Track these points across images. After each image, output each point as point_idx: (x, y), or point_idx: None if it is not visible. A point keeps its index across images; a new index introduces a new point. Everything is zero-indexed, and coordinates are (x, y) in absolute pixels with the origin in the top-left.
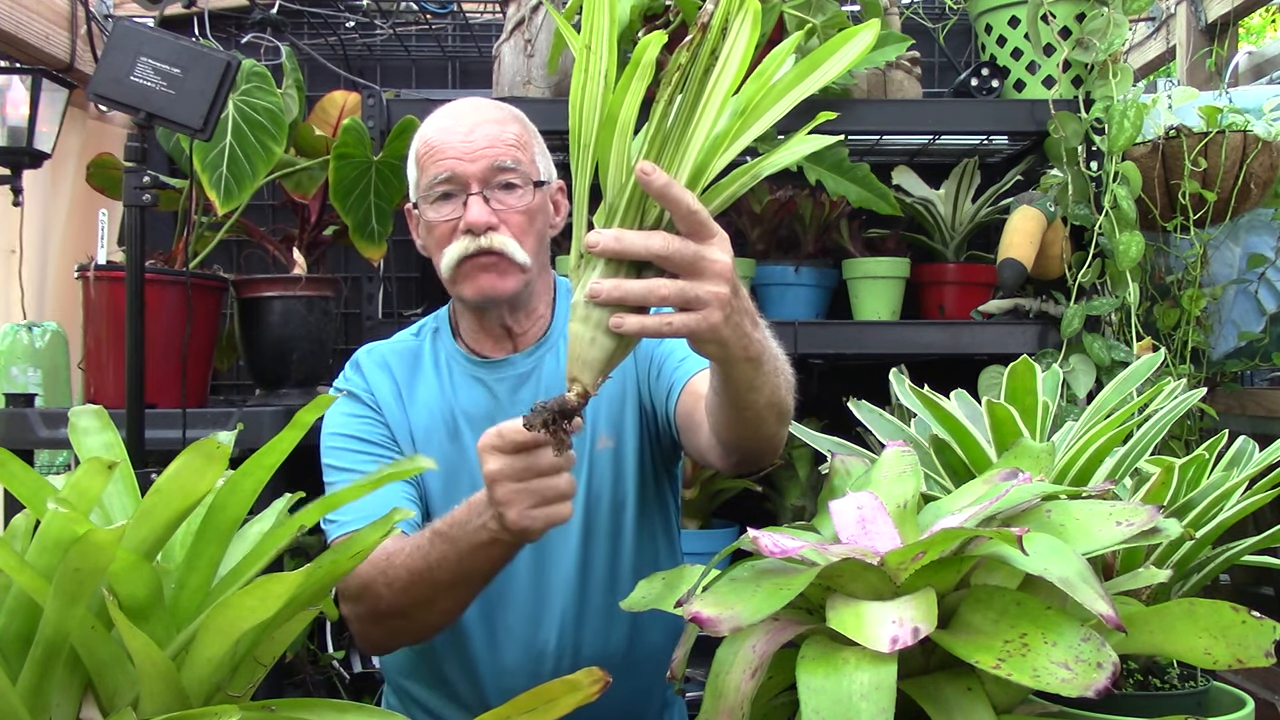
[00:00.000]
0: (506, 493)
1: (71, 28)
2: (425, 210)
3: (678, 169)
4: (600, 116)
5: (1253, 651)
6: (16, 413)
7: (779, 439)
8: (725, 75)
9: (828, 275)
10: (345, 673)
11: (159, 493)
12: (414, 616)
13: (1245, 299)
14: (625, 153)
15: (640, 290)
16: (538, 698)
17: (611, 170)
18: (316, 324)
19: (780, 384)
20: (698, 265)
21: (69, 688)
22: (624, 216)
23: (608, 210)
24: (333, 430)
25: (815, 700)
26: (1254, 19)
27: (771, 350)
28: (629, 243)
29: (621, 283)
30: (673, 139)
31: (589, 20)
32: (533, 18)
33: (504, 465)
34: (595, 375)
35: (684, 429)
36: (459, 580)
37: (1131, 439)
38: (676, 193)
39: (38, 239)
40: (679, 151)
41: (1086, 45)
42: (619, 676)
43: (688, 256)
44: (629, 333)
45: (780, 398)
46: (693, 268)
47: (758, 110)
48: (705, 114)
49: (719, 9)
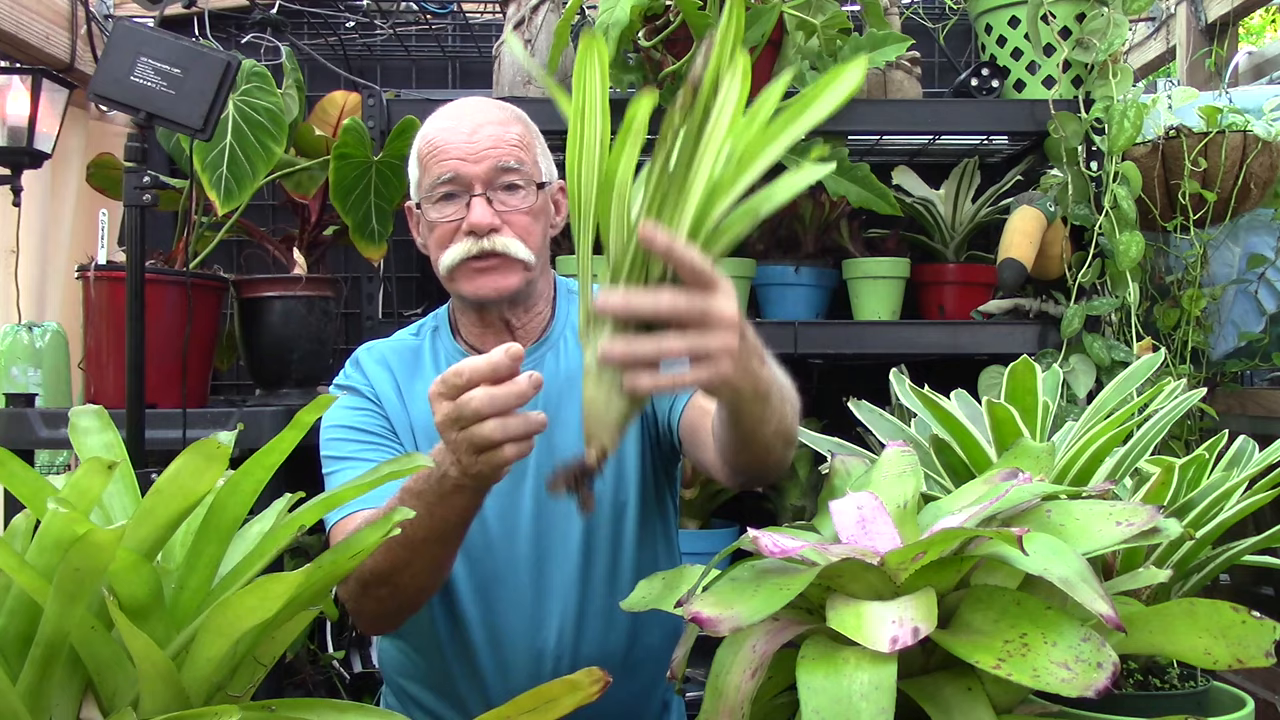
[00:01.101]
0: (451, 441)
1: (72, 28)
2: (427, 210)
3: (678, 224)
4: (598, 181)
5: (1253, 651)
6: (16, 413)
7: (785, 462)
8: (718, 130)
9: (828, 275)
10: (345, 673)
11: (159, 493)
12: (396, 580)
13: (1245, 299)
14: (625, 212)
15: (651, 350)
16: (538, 698)
17: (613, 231)
18: (316, 324)
19: (787, 412)
20: (705, 319)
21: (69, 688)
22: (629, 274)
23: (612, 269)
24: (332, 423)
25: (815, 700)
26: (1254, 19)
27: (779, 383)
28: (637, 304)
29: (632, 345)
30: (671, 196)
31: (580, 85)
32: (533, 18)
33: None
34: (614, 434)
35: (688, 442)
36: (432, 535)
37: (1131, 439)
38: (680, 251)
39: (38, 239)
40: (678, 207)
41: (1086, 45)
42: (618, 677)
43: (695, 312)
44: (644, 393)
45: (787, 425)
46: (701, 321)
47: (752, 156)
48: (701, 169)
49: (709, 68)
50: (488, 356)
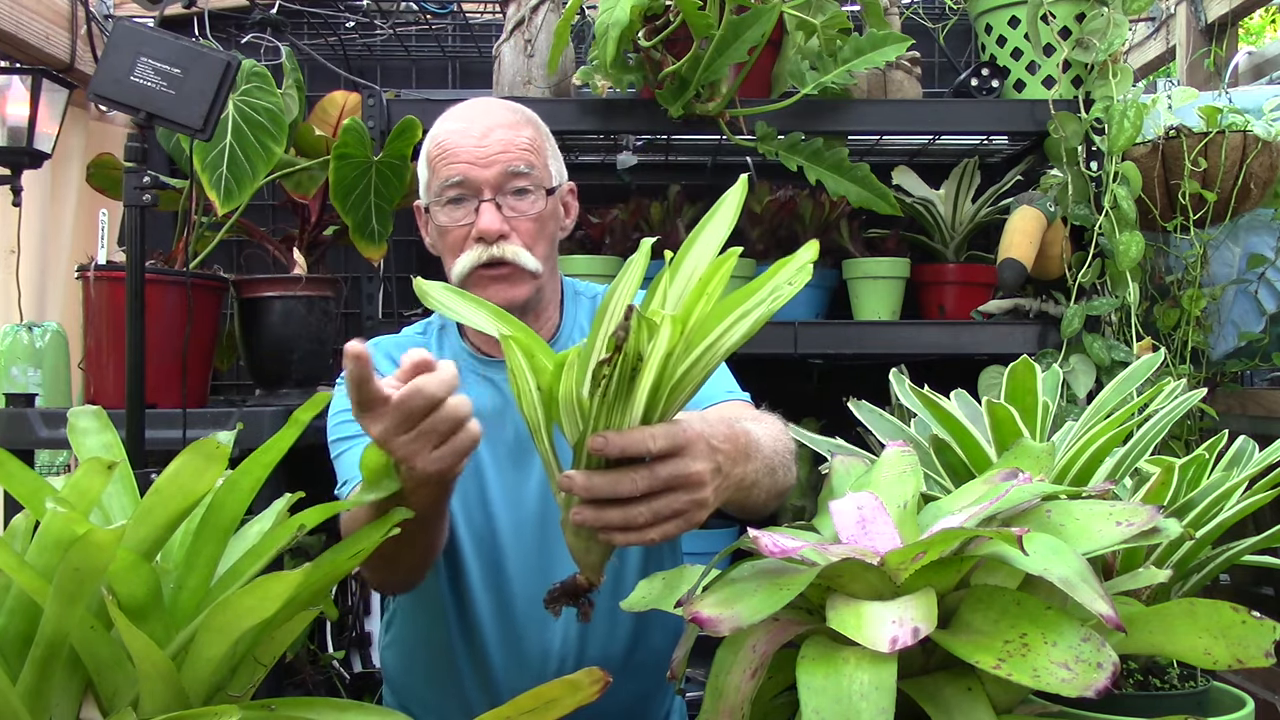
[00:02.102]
0: (402, 449)
1: (71, 28)
2: (436, 213)
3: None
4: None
5: (1253, 651)
6: (16, 413)
7: (778, 505)
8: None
9: (828, 275)
10: (345, 673)
11: (158, 493)
12: (395, 564)
13: (1245, 299)
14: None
15: (620, 520)
16: (538, 698)
17: (567, 426)
18: (316, 324)
19: (778, 478)
20: (674, 484)
21: (69, 688)
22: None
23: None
24: (339, 409)
25: (815, 700)
26: (1254, 19)
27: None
28: (597, 488)
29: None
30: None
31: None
32: (533, 18)
33: (385, 424)
34: (598, 570)
35: None
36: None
37: (1131, 439)
38: (635, 444)
39: (38, 239)
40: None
41: (1086, 45)
42: (621, 679)
43: (659, 483)
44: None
45: (777, 484)
46: (669, 487)
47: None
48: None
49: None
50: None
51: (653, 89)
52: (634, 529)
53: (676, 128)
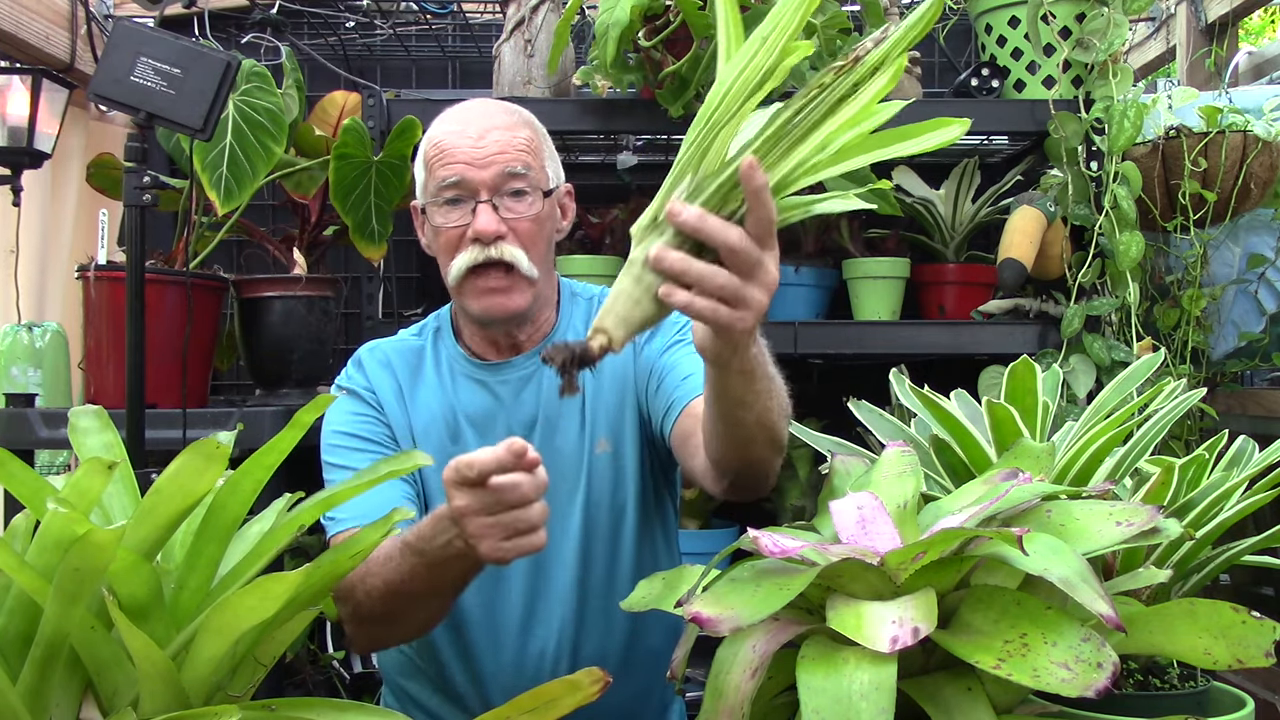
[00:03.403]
0: (477, 527)
1: (71, 28)
2: (433, 214)
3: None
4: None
5: (1253, 651)
6: (16, 413)
7: (770, 467)
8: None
9: (828, 275)
10: (345, 673)
11: (159, 493)
12: (393, 624)
13: (1245, 299)
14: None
15: (700, 273)
16: (537, 698)
17: (710, 156)
18: (316, 324)
19: (773, 406)
20: (754, 270)
21: (69, 688)
22: (707, 200)
23: (694, 189)
24: (333, 429)
25: (815, 700)
26: (1254, 19)
27: (766, 370)
28: (710, 226)
29: (689, 259)
30: (780, 148)
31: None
32: (533, 18)
33: (473, 500)
34: (626, 334)
35: (680, 450)
36: (431, 591)
37: (1131, 439)
38: (767, 197)
39: (38, 239)
40: (781, 160)
41: (1086, 45)
42: (618, 678)
43: (751, 259)
44: (675, 305)
45: (772, 420)
46: (750, 272)
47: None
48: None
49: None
50: (494, 452)
51: (653, 89)
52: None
53: (676, 128)
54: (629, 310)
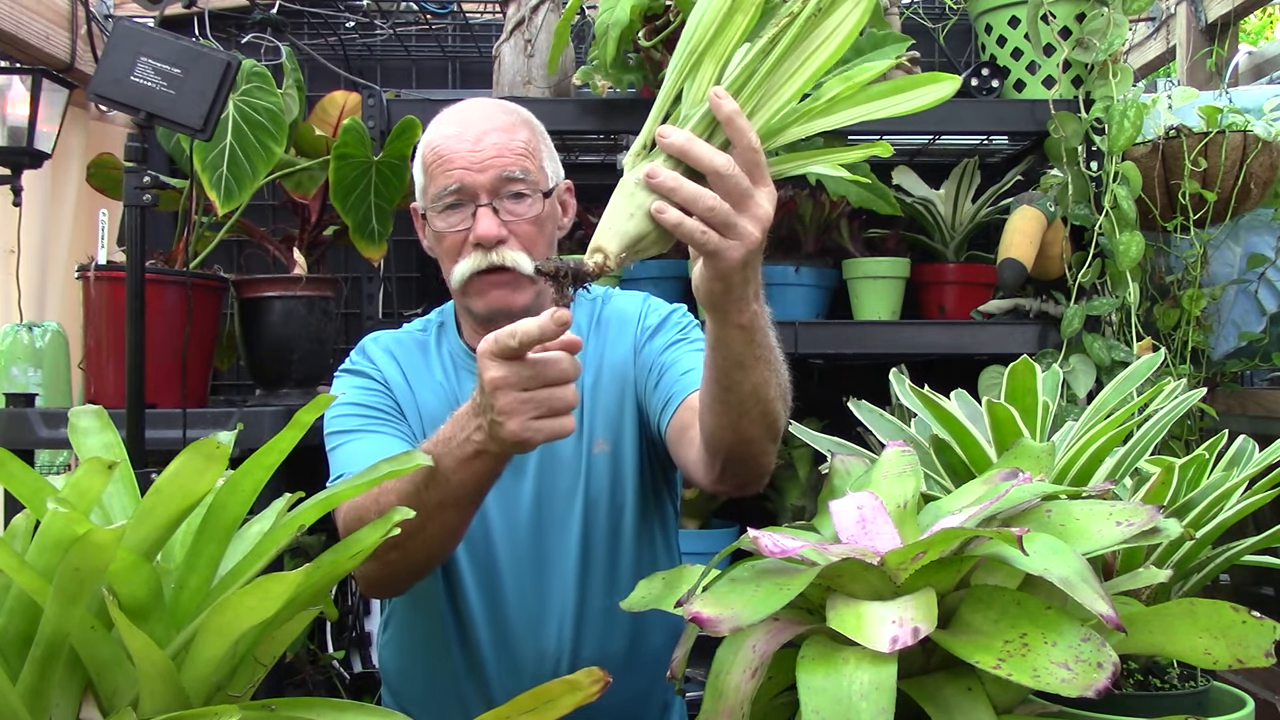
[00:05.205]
0: (509, 401)
1: (72, 28)
2: (433, 219)
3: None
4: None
5: (1253, 651)
6: (16, 413)
7: (763, 452)
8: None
9: (828, 275)
10: (345, 673)
11: (159, 493)
12: (408, 545)
13: (1245, 299)
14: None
15: (691, 192)
16: (538, 698)
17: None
18: (317, 324)
19: (770, 380)
20: (745, 200)
21: (69, 688)
22: (694, 129)
23: (681, 120)
24: (338, 403)
25: (815, 700)
26: (1254, 19)
27: (766, 337)
28: (697, 149)
29: (680, 177)
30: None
31: None
32: (533, 18)
33: (509, 372)
34: (621, 249)
35: (676, 444)
36: (447, 500)
37: (1131, 439)
38: (742, 124)
39: (38, 239)
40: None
41: (1086, 45)
42: (618, 678)
43: (740, 187)
44: (666, 224)
45: (769, 395)
46: (740, 201)
47: (842, 104)
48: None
49: None
50: (538, 321)
51: (652, 89)
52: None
53: None
54: (623, 224)
